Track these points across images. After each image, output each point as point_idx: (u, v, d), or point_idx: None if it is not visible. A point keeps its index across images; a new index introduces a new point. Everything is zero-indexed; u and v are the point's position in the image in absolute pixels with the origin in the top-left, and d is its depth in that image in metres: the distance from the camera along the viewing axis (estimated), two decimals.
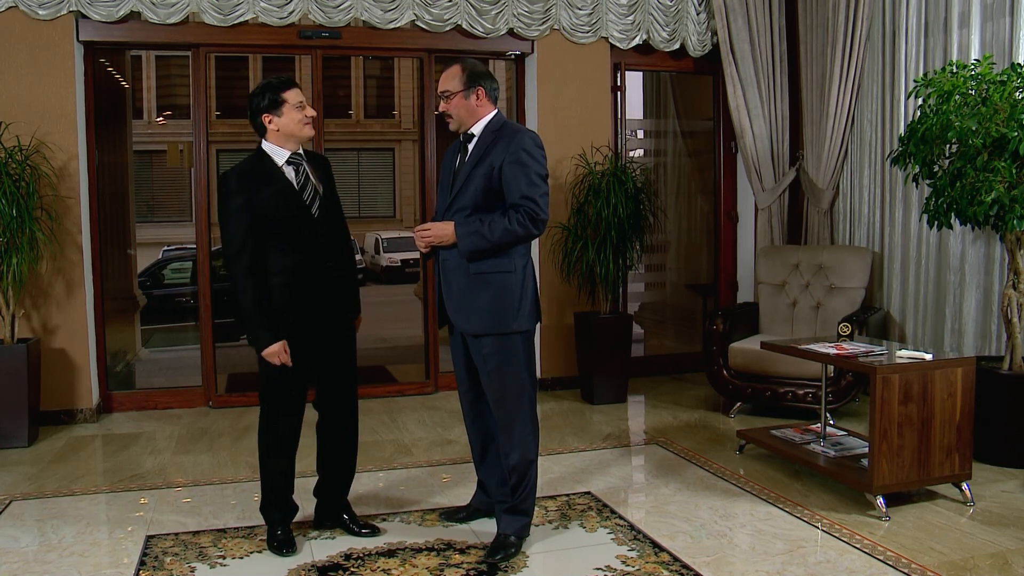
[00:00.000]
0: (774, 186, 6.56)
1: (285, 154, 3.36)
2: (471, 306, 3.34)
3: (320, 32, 5.93)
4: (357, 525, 3.65)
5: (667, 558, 3.38)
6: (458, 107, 3.37)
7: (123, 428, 5.51)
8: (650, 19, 6.45)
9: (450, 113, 3.39)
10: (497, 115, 3.42)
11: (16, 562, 3.42)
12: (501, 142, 3.32)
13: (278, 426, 3.47)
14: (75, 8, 5.44)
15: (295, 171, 3.38)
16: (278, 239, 3.31)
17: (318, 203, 3.39)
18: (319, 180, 3.44)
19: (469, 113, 3.38)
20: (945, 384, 3.83)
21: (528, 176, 3.28)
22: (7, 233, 5.07)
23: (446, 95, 3.37)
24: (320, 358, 3.47)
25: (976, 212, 4.23)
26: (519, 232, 3.27)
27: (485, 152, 3.32)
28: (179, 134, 18.84)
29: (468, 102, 3.37)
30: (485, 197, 3.31)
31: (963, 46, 5.16)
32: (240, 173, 3.33)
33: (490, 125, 3.39)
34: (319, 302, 3.39)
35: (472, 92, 3.36)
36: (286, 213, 3.31)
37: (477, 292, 3.33)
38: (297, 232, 3.33)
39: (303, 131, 3.37)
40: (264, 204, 3.28)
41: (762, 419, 5.43)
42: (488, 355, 3.37)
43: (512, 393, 3.39)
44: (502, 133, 3.36)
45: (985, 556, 3.35)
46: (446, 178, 3.48)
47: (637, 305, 8.10)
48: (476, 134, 3.39)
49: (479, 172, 3.31)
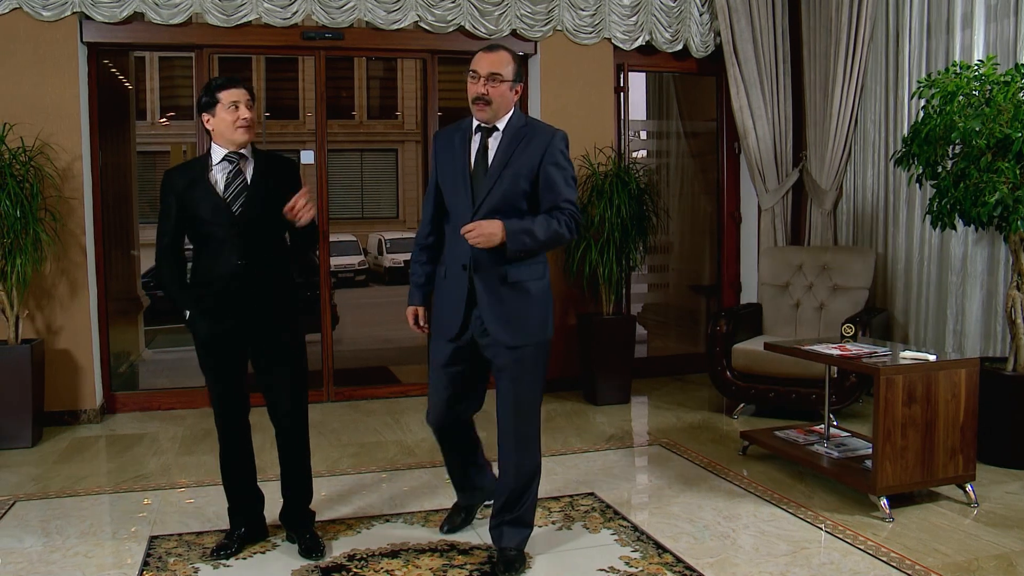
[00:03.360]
0: (777, 187, 6.55)
1: (222, 152, 3.34)
2: (514, 316, 3.19)
3: (323, 33, 5.94)
4: (303, 542, 3.48)
5: (670, 559, 3.38)
6: (502, 95, 3.14)
7: (127, 429, 5.52)
8: (653, 20, 6.45)
9: (491, 99, 3.13)
10: (517, 111, 3.26)
11: (21, 562, 3.43)
12: (535, 141, 3.17)
13: (220, 427, 3.49)
14: (79, 9, 5.45)
15: (226, 168, 3.33)
16: (198, 236, 3.36)
17: (241, 202, 3.30)
18: (263, 181, 3.34)
19: (506, 106, 3.18)
20: (949, 385, 3.83)
21: (567, 179, 3.19)
22: (11, 234, 5.08)
23: (496, 78, 3.12)
24: (242, 363, 3.43)
25: (980, 213, 4.22)
26: (565, 236, 3.18)
27: (517, 151, 3.16)
28: (182, 135, 18.89)
29: (511, 94, 3.17)
30: (515, 199, 3.16)
31: (966, 47, 5.15)
32: (172, 169, 3.46)
33: (514, 121, 3.21)
34: (227, 300, 3.32)
35: (517, 85, 3.19)
36: (201, 211, 3.30)
37: (517, 301, 3.19)
38: (213, 230, 3.31)
39: (235, 134, 3.28)
40: (186, 199, 3.33)
41: (765, 420, 5.43)
42: (516, 364, 3.22)
43: (529, 400, 3.28)
44: (530, 131, 3.20)
45: (989, 558, 3.34)
46: (458, 174, 3.24)
47: (640, 306, 8.09)
48: (500, 129, 3.20)
49: (510, 173, 3.14)
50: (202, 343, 3.40)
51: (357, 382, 6.74)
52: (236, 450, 3.50)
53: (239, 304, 3.32)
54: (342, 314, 7.84)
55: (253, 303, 3.33)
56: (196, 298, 3.36)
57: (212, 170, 3.34)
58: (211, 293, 3.33)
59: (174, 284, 3.42)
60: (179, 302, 3.42)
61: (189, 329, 3.41)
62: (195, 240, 3.39)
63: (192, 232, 3.37)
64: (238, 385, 3.45)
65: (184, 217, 3.35)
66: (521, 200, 3.17)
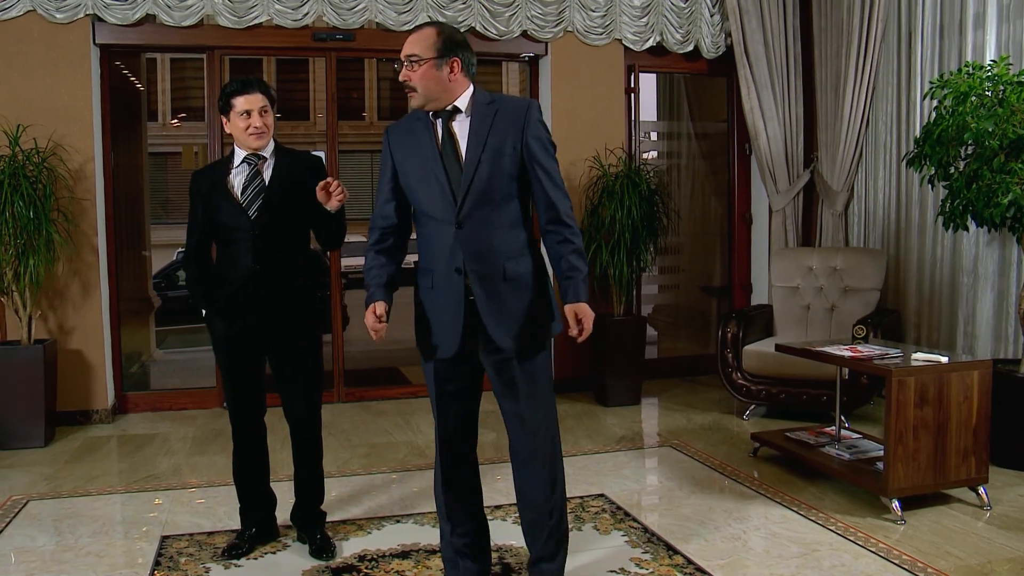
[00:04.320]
0: (788, 188, 6.53)
1: (242, 154, 3.38)
2: (519, 320, 2.79)
3: (334, 34, 5.95)
4: (314, 543, 3.48)
5: (681, 561, 3.37)
6: (426, 78, 2.72)
7: (138, 429, 5.54)
8: (664, 21, 6.44)
9: (414, 85, 2.72)
10: (478, 89, 2.82)
11: (34, 561, 3.45)
12: (507, 114, 2.77)
13: (233, 426, 3.52)
14: (92, 11, 5.48)
15: (245, 171, 3.36)
16: (218, 237, 3.42)
17: (258, 205, 3.32)
18: (282, 182, 3.35)
19: (440, 87, 2.73)
20: (961, 387, 3.81)
21: (554, 179, 2.80)
22: (24, 235, 5.10)
23: (413, 60, 2.72)
24: (257, 365, 3.45)
25: (992, 214, 4.20)
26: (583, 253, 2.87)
27: (492, 130, 2.75)
28: (194, 136, 18.93)
29: (439, 73, 2.72)
30: (502, 184, 2.75)
31: (979, 47, 5.13)
32: (199, 171, 3.54)
33: (478, 99, 2.79)
34: (242, 301, 3.34)
35: (446, 63, 2.73)
36: (221, 214, 3.35)
37: (515, 301, 2.80)
38: (231, 233, 3.35)
39: (247, 140, 3.32)
40: (208, 202, 3.39)
41: (776, 421, 5.41)
42: (528, 374, 2.84)
43: (546, 407, 2.91)
44: (500, 104, 2.79)
45: (1003, 561, 3.32)
46: (426, 168, 2.79)
47: (651, 307, 8.07)
48: (462, 108, 2.78)
49: (489, 156, 2.73)
50: (218, 341, 3.43)
51: (367, 383, 6.75)
52: (249, 450, 3.52)
53: (253, 305, 3.34)
54: (352, 315, 7.85)
55: (268, 305, 3.34)
56: (212, 298, 3.40)
57: (232, 172, 3.37)
58: (226, 293, 3.36)
59: (196, 284, 3.48)
60: (197, 301, 3.49)
61: (207, 327, 3.48)
62: (216, 241, 3.45)
63: (214, 233, 3.43)
64: (252, 385, 3.46)
65: (207, 219, 3.41)
66: (510, 184, 2.77)
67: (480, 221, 2.75)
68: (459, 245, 2.76)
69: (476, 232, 2.75)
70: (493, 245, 2.77)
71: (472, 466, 3.02)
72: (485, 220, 2.76)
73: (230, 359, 3.42)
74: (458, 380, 2.91)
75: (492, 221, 2.77)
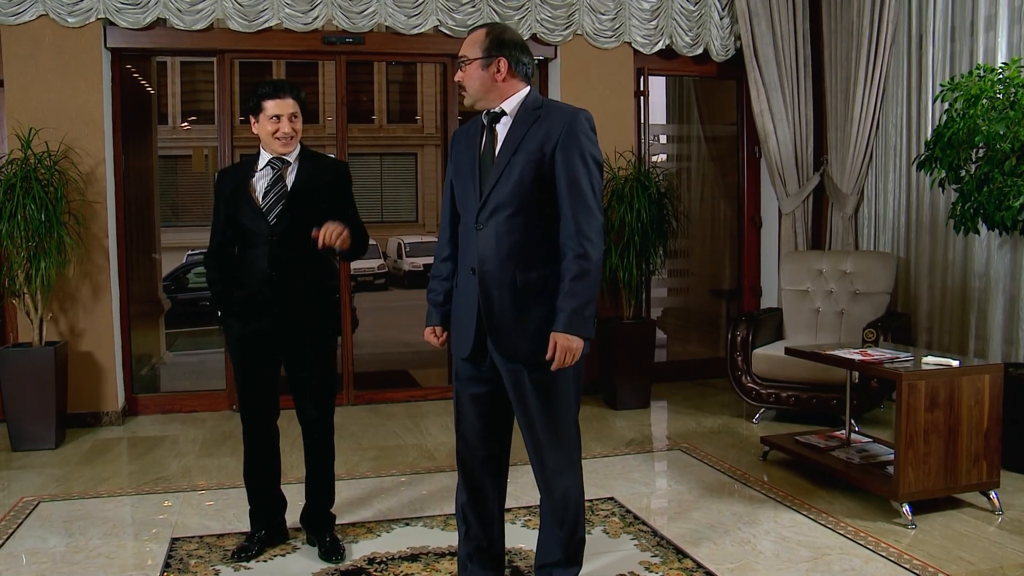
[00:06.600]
0: (798, 191, 6.52)
1: (267, 157, 3.39)
2: (522, 332, 2.73)
3: (344, 38, 5.96)
4: (323, 545, 3.49)
5: (691, 565, 3.36)
6: (472, 78, 2.76)
7: (148, 431, 5.56)
8: (673, 24, 6.44)
9: (464, 84, 2.80)
10: (533, 92, 2.81)
11: (45, 562, 3.46)
12: (549, 121, 2.72)
13: (244, 428, 3.52)
14: (103, 15, 5.51)
15: (268, 174, 3.37)
16: (240, 238, 3.43)
17: (278, 211, 3.32)
18: (305, 187, 3.35)
19: (486, 88, 2.76)
20: (972, 391, 3.79)
21: (577, 192, 2.68)
22: (36, 237, 5.13)
23: (463, 61, 2.78)
24: (270, 367, 3.46)
25: (1004, 217, 4.19)
26: (593, 276, 2.70)
27: (529, 135, 2.71)
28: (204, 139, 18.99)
29: (485, 73, 2.75)
30: (532, 189, 2.69)
31: (990, 49, 5.11)
32: (224, 170, 3.59)
33: (527, 103, 2.78)
34: (257, 304, 3.35)
35: (492, 62, 2.74)
36: (242, 217, 3.36)
37: (520, 312, 2.74)
38: (251, 237, 3.36)
39: (273, 144, 3.33)
40: (230, 204, 3.41)
41: (786, 425, 5.40)
42: (541, 391, 2.78)
43: (565, 410, 2.87)
44: (545, 111, 2.75)
45: (1015, 566, 3.31)
46: (467, 167, 2.84)
47: (660, 310, 8.07)
48: (507, 111, 2.78)
49: (520, 159, 2.70)
50: (233, 342, 3.45)
51: (377, 386, 6.76)
52: (261, 453, 3.53)
53: (268, 309, 3.35)
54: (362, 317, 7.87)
55: (283, 309, 3.35)
56: (230, 299, 3.41)
57: (256, 175, 3.39)
58: (243, 296, 3.38)
59: (215, 284, 3.49)
60: (215, 301, 3.51)
61: (223, 327, 3.53)
62: (238, 242, 3.45)
63: (235, 234, 3.44)
64: (265, 387, 3.47)
65: (229, 220, 3.43)
66: (535, 191, 2.70)
67: (498, 225, 2.73)
68: (477, 246, 2.76)
69: (492, 236, 2.73)
70: (507, 251, 2.72)
71: (490, 474, 2.96)
72: (503, 225, 2.72)
73: (245, 360, 3.43)
74: (478, 384, 2.88)
75: (510, 227, 2.72)
